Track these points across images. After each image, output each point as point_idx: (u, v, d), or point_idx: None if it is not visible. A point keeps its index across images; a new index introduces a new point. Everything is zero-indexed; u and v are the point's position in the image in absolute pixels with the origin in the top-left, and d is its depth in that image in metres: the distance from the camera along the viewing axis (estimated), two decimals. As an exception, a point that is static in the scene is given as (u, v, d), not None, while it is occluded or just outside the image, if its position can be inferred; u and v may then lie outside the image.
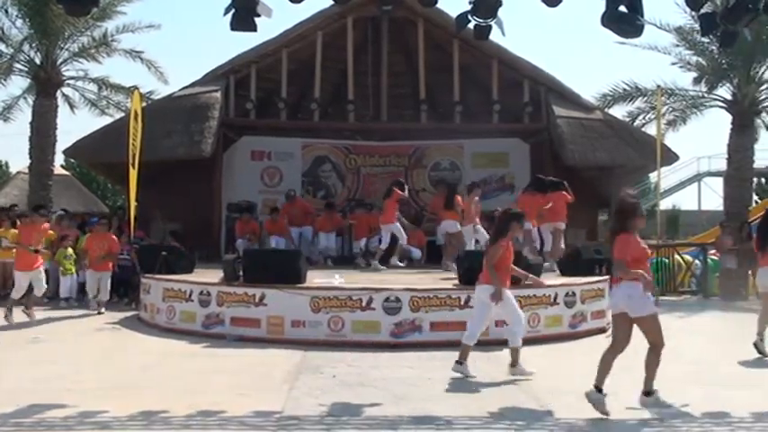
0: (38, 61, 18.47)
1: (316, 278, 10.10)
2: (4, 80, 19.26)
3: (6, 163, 47.40)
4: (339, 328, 9.01)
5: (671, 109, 19.69)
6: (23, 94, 20.65)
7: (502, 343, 7.83)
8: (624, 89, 19.15)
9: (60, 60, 18.78)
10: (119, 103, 20.59)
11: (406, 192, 13.65)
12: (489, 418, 5.86)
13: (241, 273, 9.77)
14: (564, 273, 11.53)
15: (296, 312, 9.14)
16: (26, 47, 18.47)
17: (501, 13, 7.50)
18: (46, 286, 11.79)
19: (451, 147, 18.11)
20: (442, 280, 10.69)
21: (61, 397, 6.34)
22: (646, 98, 19.14)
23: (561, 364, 8.30)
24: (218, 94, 15.86)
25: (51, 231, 13.84)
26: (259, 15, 7.12)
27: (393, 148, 18.16)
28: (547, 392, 6.59)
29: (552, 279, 10.57)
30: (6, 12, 18.05)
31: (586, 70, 79.53)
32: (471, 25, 7.78)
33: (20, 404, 6.09)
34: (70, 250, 13.43)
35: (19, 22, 18.23)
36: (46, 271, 13.64)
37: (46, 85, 18.46)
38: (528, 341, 8.00)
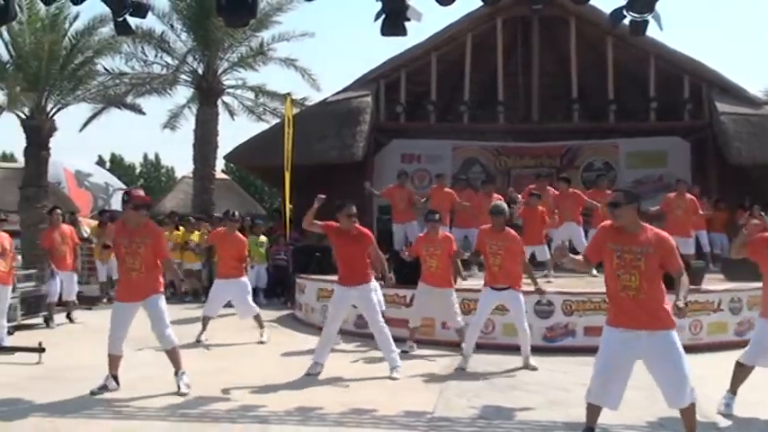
0: (200, 72, 19.53)
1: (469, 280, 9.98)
2: (171, 90, 20.44)
3: (172, 168, 50.92)
4: (490, 330, 8.94)
5: None
6: (188, 104, 21.90)
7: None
8: (796, 82, 17.96)
9: (221, 70, 19.78)
10: (274, 109, 21.40)
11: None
12: (647, 427, 5.65)
13: (391, 274, 9.84)
14: (729, 278, 10.91)
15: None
16: (189, 58, 19.61)
17: (658, 6, 7.20)
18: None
19: (606, 146, 17.57)
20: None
21: (225, 391, 6.66)
22: (822, 91, 17.87)
23: (726, 374, 7.82)
24: (369, 99, 16.15)
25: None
26: (409, 19, 7.18)
27: (544, 149, 17.82)
28: (706, 403, 6.22)
29: (716, 284, 10.03)
30: (172, 26, 19.23)
31: (755, 63, 74.92)
32: (626, 21, 7.50)
33: (187, 397, 6.45)
34: None
35: (183, 36, 19.40)
36: (199, 272, 14.39)
37: (208, 94, 19.48)
38: (689, 349, 7.58)
